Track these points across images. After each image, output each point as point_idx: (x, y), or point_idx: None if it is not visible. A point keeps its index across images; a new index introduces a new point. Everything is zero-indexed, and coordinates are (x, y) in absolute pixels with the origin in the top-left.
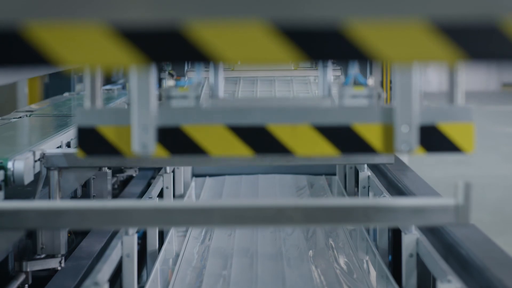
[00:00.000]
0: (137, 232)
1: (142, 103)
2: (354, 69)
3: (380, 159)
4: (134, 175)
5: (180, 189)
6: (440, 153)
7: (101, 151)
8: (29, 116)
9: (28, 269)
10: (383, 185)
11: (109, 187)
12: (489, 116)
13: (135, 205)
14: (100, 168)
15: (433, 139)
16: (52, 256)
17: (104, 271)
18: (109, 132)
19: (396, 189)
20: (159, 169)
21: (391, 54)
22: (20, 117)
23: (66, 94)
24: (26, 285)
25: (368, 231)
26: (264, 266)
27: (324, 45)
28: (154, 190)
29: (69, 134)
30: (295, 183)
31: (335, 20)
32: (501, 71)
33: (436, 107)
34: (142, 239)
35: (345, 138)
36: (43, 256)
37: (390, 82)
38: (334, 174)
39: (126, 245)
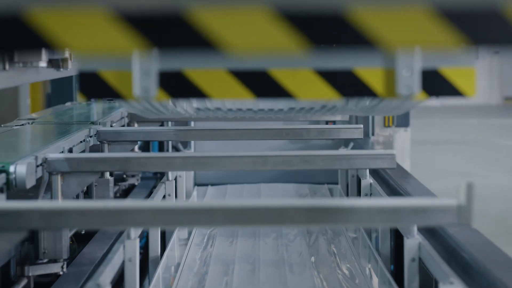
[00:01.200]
0: (140, 240)
1: None
2: None
3: (382, 163)
4: (136, 183)
5: (182, 198)
6: (441, 96)
7: (102, 95)
8: (31, 123)
9: (30, 274)
10: (386, 192)
11: (111, 194)
12: (491, 129)
13: (138, 206)
14: (102, 175)
15: (435, 83)
16: (54, 261)
17: (106, 274)
18: (110, 76)
19: (397, 193)
20: (161, 177)
21: (394, 39)
22: (22, 125)
23: (68, 104)
24: None
25: (370, 237)
26: (266, 272)
27: (327, 30)
28: (156, 197)
29: (71, 140)
30: (297, 191)
31: (338, 6)
32: (504, 85)
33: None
34: (144, 248)
35: (346, 82)
36: (45, 261)
37: None
38: (336, 183)
39: (128, 249)
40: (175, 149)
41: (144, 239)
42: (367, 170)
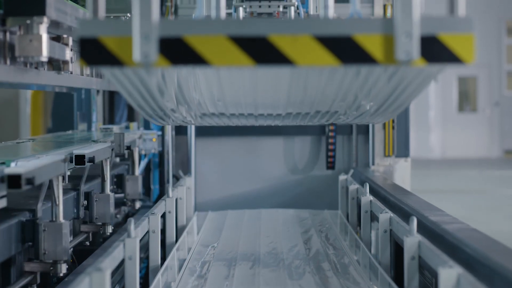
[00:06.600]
0: (140, 271)
1: (144, 12)
2: (355, 5)
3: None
4: (137, 207)
5: (182, 220)
6: (440, 63)
7: (102, 61)
8: (32, 142)
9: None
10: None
11: (112, 209)
12: (492, 180)
13: None
14: (103, 190)
15: (434, 50)
16: (55, 262)
17: (107, 263)
18: (110, 42)
19: (398, 209)
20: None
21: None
22: (23, 142)
23: (69, 132)
24: (35, 285)
25: (370, 248)
26: (265, 275)
27: None
28: (158, 209)
29: (71, 150)
30: (297, 215)
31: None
32: (504, 138)
33: (437, 18)
34: (144, 278)
35: (345, 49)
36: (45, 260)
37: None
38: (337, 209)
39: (129, 247)
40: (175, 177)
41: (144, 270)
42: (367, 188)
